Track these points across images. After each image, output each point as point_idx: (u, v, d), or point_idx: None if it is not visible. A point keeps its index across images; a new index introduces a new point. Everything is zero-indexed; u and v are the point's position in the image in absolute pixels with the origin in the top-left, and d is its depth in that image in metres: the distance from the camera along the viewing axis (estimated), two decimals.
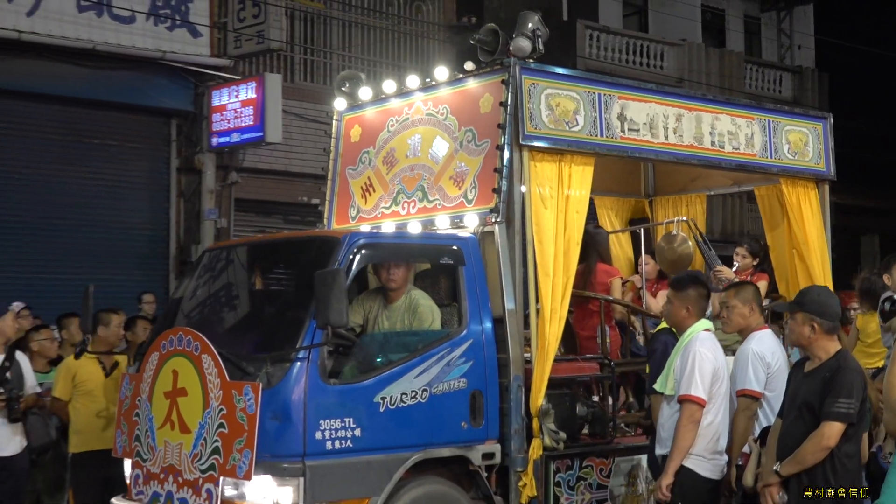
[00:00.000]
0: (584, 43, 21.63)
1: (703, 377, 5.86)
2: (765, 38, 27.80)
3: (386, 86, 7.98)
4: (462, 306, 6.80)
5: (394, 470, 6.30)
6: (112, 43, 14.48)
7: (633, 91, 7.83)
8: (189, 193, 15.62)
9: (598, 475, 7.15)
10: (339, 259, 6.31)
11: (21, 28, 13.67)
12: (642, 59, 22.78)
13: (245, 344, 6.44)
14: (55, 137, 14.69)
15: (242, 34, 15.69)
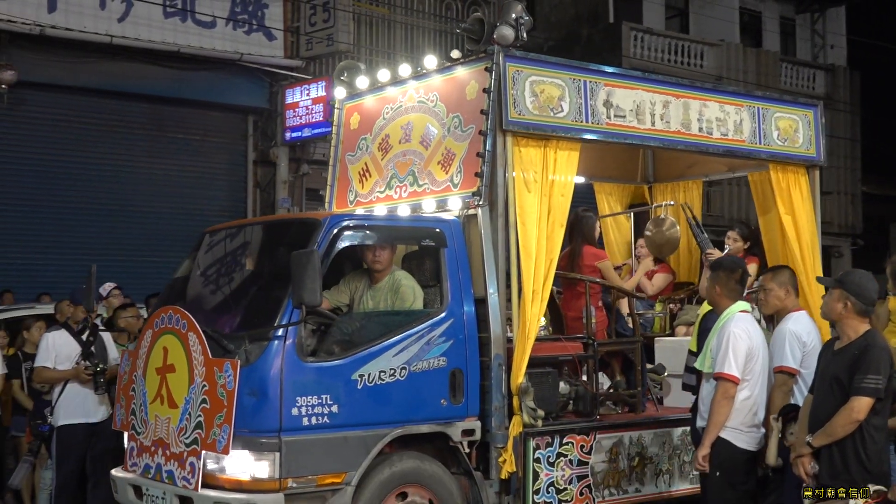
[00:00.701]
0: (628, 44, 21.70)
1: (737, 356, 5.81)
2: (799, 38, 27.62)
3: (381, 74, 7.68)
4: (443, 287, 6.50)
5: (371, 445, 6.03)
6: (194, 46, 14.92)
7: (619, 78, 7.45)
8: (264, 184, 15.88)
9: (578, 451, 6.81)
10: (319, 241, 6.04)
11: (113, 33, 14.11)
12: (683, 58, 22.80)
13: (229, 322, 6.20)
14: (143, 133, 15.14)
15: (313, 37, 16.10)
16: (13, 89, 13.42)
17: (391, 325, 6.25)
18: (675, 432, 7.35)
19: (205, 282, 6.72)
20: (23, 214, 14.04)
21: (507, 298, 6.77)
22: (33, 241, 13.92)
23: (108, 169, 14.74)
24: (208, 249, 6.92)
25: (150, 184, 14.95)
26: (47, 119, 14.29)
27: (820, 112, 8.72)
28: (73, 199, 14.39)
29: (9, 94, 13.38)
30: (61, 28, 13.70)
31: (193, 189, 15.35)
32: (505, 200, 6.73)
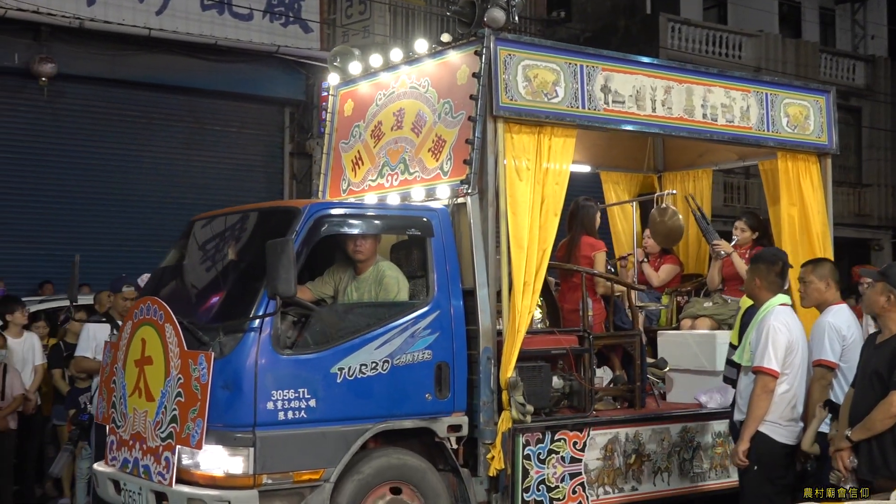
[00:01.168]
0: (666, 35, 21.58)
1: (776, 350, 5.74)
2: (839, 28, 27.32)
3: (373, 60, 7.47)
4: (429, 278, 6.29)
5: (351, 441, 5.84)
6: (231, 38, 14.97)
7: (617, 63, 7.20)
8: (301, 175, 15.84)
9: (571, 448, 6.59)
10: (298, 229, 5.86)
11: (151, 25, 14.15)
12: (721, 49, 22.64)
13: (206, 313, 6.03)
14: (180, 125, 15.20)
15: (349, 29, 16.14)
16: (53, 82, 13.52)
17: (373, 317, 6.06)
18: (674, 429, 7.11)
19: (186, 271, 6.57)
20: (62, 206, 14.10)
21: (499, 290, 6.55)
22: (73, 233, 13.96)
23: (146, 161, 14.77)
24: (193, 238, 6.76)
25: (187, 176, 14.99)
26: (86, 111, 14.38)
27: (832, 98, 8.42)
28: (111, 190, 14.47)
29: (49, 86, 13.48)
30: (100, 21, 13.82)
31: (230, 181, 15.34)
32: (496, 189, 6.52)
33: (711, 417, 7.31)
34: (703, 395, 7.47)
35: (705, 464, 7.25)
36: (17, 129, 13.67)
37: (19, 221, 13.78)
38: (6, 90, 13.37)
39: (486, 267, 6.44)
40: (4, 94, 13.31)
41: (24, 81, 13.56)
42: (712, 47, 22.40)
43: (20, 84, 13.55)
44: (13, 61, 13.30)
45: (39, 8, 12.97)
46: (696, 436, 7.22)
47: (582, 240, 7.51)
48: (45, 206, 13.99)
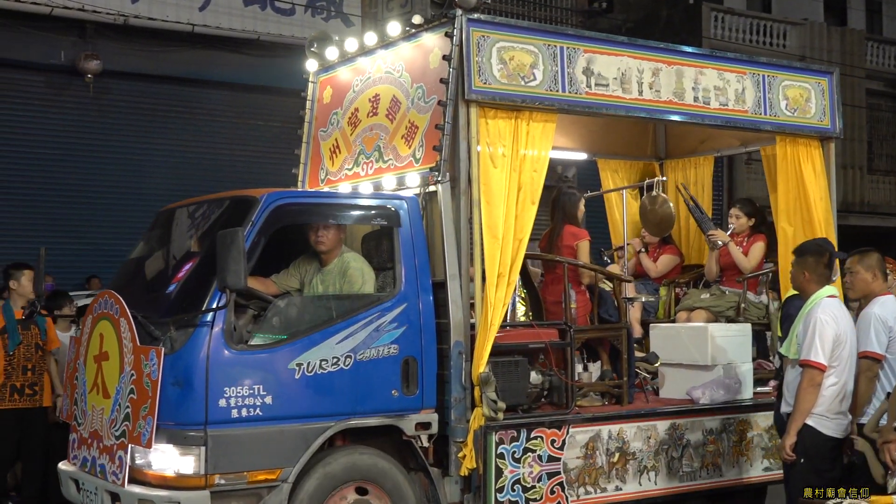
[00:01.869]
0: (709, 24, 21.42)
1: (823, 343, 5.66)
2: (886, 15, 26.85)
3: (348, 44, 7.24)
4: (396, 269, 6.06)
5: (311, 440, 5.62)
6: (274, 33, 15.01)
7: (601, 44, 6.91)
8: None
9: (548, 446, 6.32)
10: (254, 219, 5.64)
11: (194, 21, 14.21)
12: (765, 38, 22.43)
13: (160, 307, 5.82)
14: (223, 120, 15.24)
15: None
16: (98, 78, 13.55)
17: (335, 311, 5.83)
18: (661, 426, 6.81)
19: (148, 263, 6.37)
20: (108, 201, 14.12)
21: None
22: (120, 228, 13.86)
23: (190, 156, 14.74)
24: (157, 229, 6.57)
25: (230, 171, 14.92)
26: (131, 107, 14.42)
27: (835, 80, 8.07)
28: (155, 185, 14.36)
29: (94, 83, 13.52)
30: (144, 18, 13.90)
31: (274, 176, 15.11)
32: (468, 176, 6.25)
33: (702, 414, 7.01)
34: (695, 391, 7.18)
35: (696, 462, 6.95)
36: (64, 125, 13.78)
37: (66, 217, 13.83)
38: (53, 87, 13.46)
39: (457, 258, 6.18)
40: (51, 92, 13.39)
41: (70, 79, 13.65)
42: (756, 36, 22.18)
43: (66, 81, 13.64)
44: (59, 59, 13.41)
45: (84, 6, 13.09)
46: (686, 433, 6.93)
47: (564, 229, 7.24)
48: (91, 202, 14.04)
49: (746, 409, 7.25)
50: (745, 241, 8.14)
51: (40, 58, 13.05)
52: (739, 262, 8.02)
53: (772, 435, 7.32)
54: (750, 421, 7.24)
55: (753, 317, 7.94)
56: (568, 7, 18.79)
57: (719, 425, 7.08)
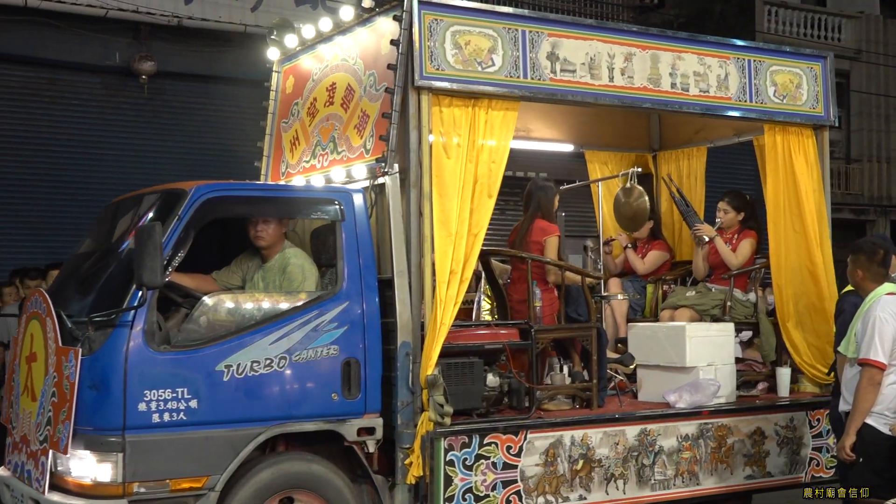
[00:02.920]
0: (762, 18, 21.19)
1: (882, 341, 5.59)
2: None
3: (306, 31, 6.95)
4: (338, 266, 5.75)
5: (241, 446, 5.33)
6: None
7: (567, 27, 6.55)
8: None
9: (504, 453, 5.98)
10: (181, 213, 5.37)
11: (247, 22, 14.08)
12: (820, 32, 22.19)
13: (86, 305, 5.54)
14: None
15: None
16: (152, 79, 13.47)
17: (270, 309, 5.54)
18: (630, 431, 6.44)
19: (82, 259, 6.11)
20: None
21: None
22: None
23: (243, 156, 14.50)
24: (99, 223, 6.32)
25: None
26: (185, 108, 14.32)
27: (829, 64, 7.64)
28: None
29: (148, 84, 13.43)
30: (197, 19, 13.80)
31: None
32: (419, 167, 5.94)
33: (675, 418, 6.64)
34: (671, 395, 6.81)
35: (669, 470, 6.57)
36: (119, 126, 13.69)
37: None
38: (108, 88, 13.43)
39: (406, 253, 5.88)
40: (107, 93, 13.35)
41: (125, 80, 13.59)
42: (811, 30, 21.92)
43: (121, 82, 13.59)
44: (115, 60, 13.40)
45: (139, 7, 13.06)
46: (659, 439, 6.55)
47: (534, 224, 6.88)
48: None
49: (726, 413, 6.86)
50: (735, 237, 7.73)
51: (96, 59, 13.02)
52: (727, 258, 7.63)
53: (754, 441, 6.94)
54: (730, 426, 6.84)
55: (740, 316, 7.54)
56: (619, 3, 18.64)
57: (696, 430, 6.70)
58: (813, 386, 7.53)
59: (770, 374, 7.56)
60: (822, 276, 7.41)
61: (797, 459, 7.13)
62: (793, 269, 7.41)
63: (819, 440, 7.25)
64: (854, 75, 23.46)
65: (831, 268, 7.49)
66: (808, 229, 7.38)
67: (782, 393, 7.43)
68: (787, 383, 7.43)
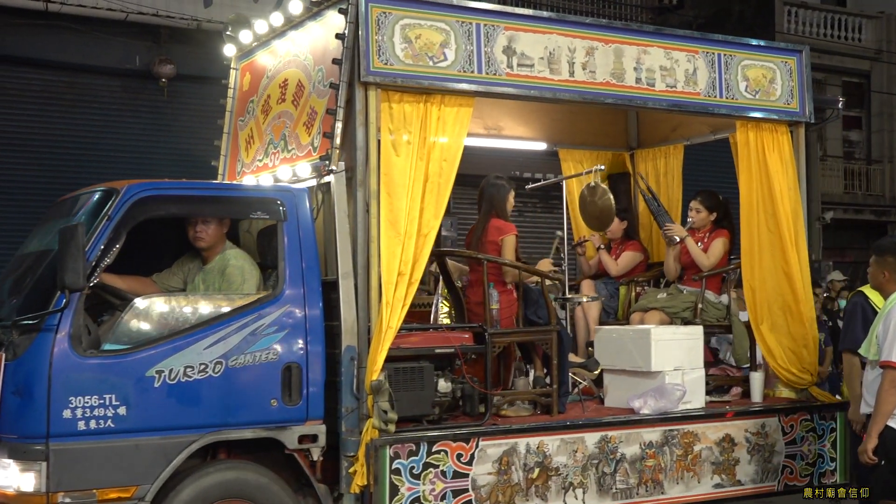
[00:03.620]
0: (782, 19, 21.14)
1: None
2: None
3: (258, 26, 6.78)
4: (280, 267, 5.57)
5: (173, 454, 5.15)
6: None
7: (524, 21, 6.36)
8: None
9: (454, 461, 5.78)
10: (111, 213, 5.20)
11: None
12: (840, 32, 22.12)
13: (13, 308, 5.37)
14: None
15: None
16: (172, 82, 13.42)
17: (205, 313, 5.36)
18: (589, 438, 6.23)
19: (21, 261, 5.94)
20: None
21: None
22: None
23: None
24: (42, 224, 6.16)
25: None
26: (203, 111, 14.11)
27: (805, 58, 7.42)
28: None
29: (168, 87, 13.38)
30: (216, 22, 13.72)
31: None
32: (366, 166, 5.75)
33: (638, 425, 6.42)
34: (635, 400, 6.60)
35: (632, 478, 6.36)
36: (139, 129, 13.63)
37: None
38: (128, 92, 13.39)
39: (351, 255, 5.69)
40: (127, 96, 13.32)
41: (145, 83, 13.52)
42: (831, 30, 21.84)
43: (141, 86, 13.53)
44: (135, 63, 13.35)
45: (159, 11, 13.06)
46: (620, 446, 6.33)
47: (490, 223, 6.68)
48: None
49: (692, 419, 6.64)
50: (707, 237, 7.52)
51: (116, 63, 12.98)
52: (698, 259, 7.41)
53: (723, 448, 6.72)
54: (697, 433, 6.62)
55: (712, 318, 7.33)
56: (637, 4, 18.62)
57: (660, 437, 6.48)
58: (789, 391, 7.31)
59: (744, 378, 7.34)
60: (797, 278, 7.18)
61: (769, 467, 6.90)
62: (767, 270, 7.19)
63: (793, 447, 7.02)
64: (875, 75, 23.25)
65: (807, 269, 7.27)
66: (782, 229, 7.16)
67: (755, 398, 7.21)
68: (760, 388, 7.21)
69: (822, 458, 7.15)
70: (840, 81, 22.95)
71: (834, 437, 7.20)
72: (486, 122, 8.20)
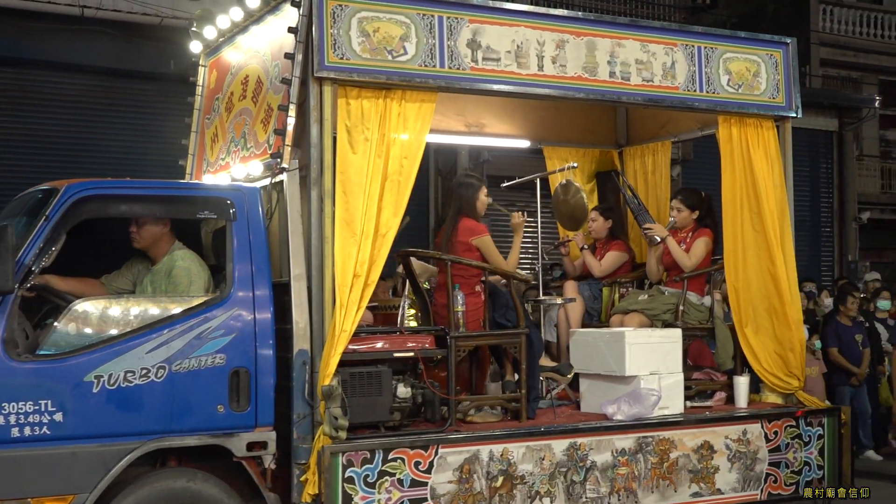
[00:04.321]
0: (817, 18, 20.91)
1: None
2: None
3: (220, 21, 6.63)
4: (228, 269, 5.41)
5: (112, 462, 5.00)
6: None
7: (489, 13, 6.16)
8: (446, 172, 15.07)
9: (411, 469, 5.60)
10: (50, 213, 5.06)
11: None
12: (877, 31, 21.86)
13: None
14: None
15: None
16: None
17: (148, 316, 5.20)
18: (557, 445, 6.02)
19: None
20: None
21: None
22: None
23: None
24: None
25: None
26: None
27: (791, 51, 7.17)
28: None
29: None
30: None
31: None
32: (320, 164, 5.58)
33: (609, 432, 6.21)
34: (608, 406, 6.39)
35: (603, 487, 6.15)
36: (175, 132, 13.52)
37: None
38: (164, 96, 13.28)
39: (304, 256, 5.53)
40: (162, 100, 13.22)
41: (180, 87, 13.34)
42: (867, 28, 21.53)
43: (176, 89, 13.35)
44: (169, 68, 13.22)
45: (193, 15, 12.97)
46: (591, 454, 6.13)
47: (460, 224, 6.49)
48: None
49: (668, 425, 6.42)
50: (689, 236, 7.29)
51: (151, 67, 12.95)
52: (679, 260, 7.19)
53: (702, 456, 6.49)
54: (673, 439, 6.40)
55: (693, 320, 7.11)
56: (670, 4, 18.45)
57: (633, 445, 6.27)
58: (776, 396, 7.07)
59: (728, 383, 7.10)
60: (783, 278, 6.94)
61: (751, 475, 6.66)
62: (751, 270, 6.97)
63: (777, 454, 6.78)
64: None
65: (793, 269, 7.03)
66: (767, 228, 6.93)
67: (740, 403, 6.97)
68: (745, 393, 6.98)
69: (809, 465, 6.90)
70: (877, 80, 22.56)
71: (822, 443, 6.95)
72: (468, 120, 8.02)
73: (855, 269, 19.40)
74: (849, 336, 10.70)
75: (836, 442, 6.96)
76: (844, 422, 7.01)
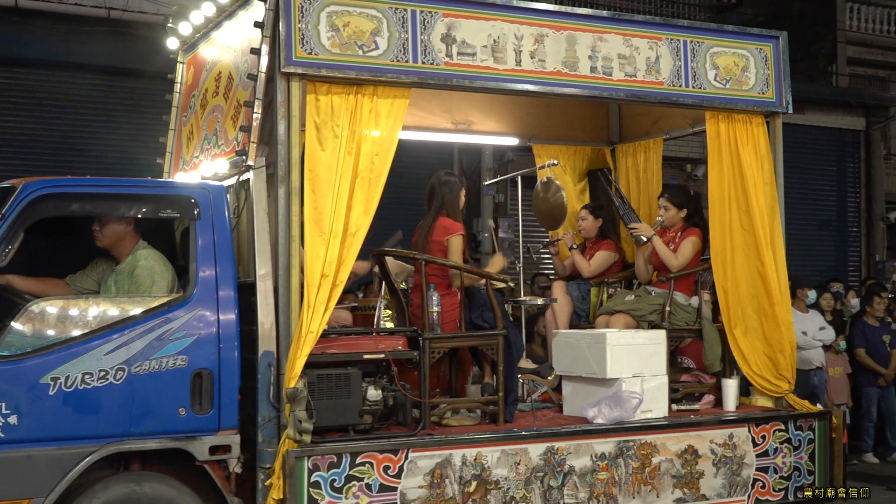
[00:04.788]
0: (844, 16, 20.33)
1: None
2: None
3: (194, 16, 6.54)
4: (191, 269, 5.32)
5: (69, 466, 4.92)
6: None
7: (464, 6, 6.04)
8: (470, 171, 14.94)
9: (380, 474, 5.48)
10: (7, 212, 4.99)
11: None
12: None
13: None
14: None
15: None
16: None
17: (107, 317, 5.12)
18: (533, 450, 5.89)
19: None
20: None
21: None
22: None
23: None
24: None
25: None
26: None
27: (782, 45, 7.01)
28: None
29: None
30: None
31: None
32: (288, 161, 5.48)
33: (588, 436, 6.08)
34: (589, 409, 6.26)
35: (582, 492, 6.02)
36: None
37: None
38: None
39: (270, 255, 5.43)
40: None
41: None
42: (895, 27, 20.99)
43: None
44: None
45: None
46: (569, 458, 5.99)
47: (437, 222, 6.37)
48: None
49: (650, 429, 6.28)
50: (678, 236, 7.15)
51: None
52: (666, 259, 7.04)
53: (685, 460, 6.35)
54: (656, 444, 6.26)
55: (681, 321, 6.96)
56: (695, 3, 18.35)
57: (613, 449, 6.13)
58: (766, 399, 6.92)
59: (717, 385, 6.95)
60: (772, 279, 6.79)
61: (738, 481, 6.50)
62: (740, 270, 6.82)
63: (765, 459, 6.62)
64: None
65: (784, 269, 6.87)
66: (756, 227, 6.77)
67: (729, 407, 6.82)
68: (734, 396, 6.82)
69: (799, 470, 6.74)
70: None
71: (812, 448, 6.79)
72: (455, 117, 7.91)
73: (882, 269, 19.13)
74: (876, 337, 10.56)
75: (827, 446, 6.79)
76: (836, 426, 6.84)
